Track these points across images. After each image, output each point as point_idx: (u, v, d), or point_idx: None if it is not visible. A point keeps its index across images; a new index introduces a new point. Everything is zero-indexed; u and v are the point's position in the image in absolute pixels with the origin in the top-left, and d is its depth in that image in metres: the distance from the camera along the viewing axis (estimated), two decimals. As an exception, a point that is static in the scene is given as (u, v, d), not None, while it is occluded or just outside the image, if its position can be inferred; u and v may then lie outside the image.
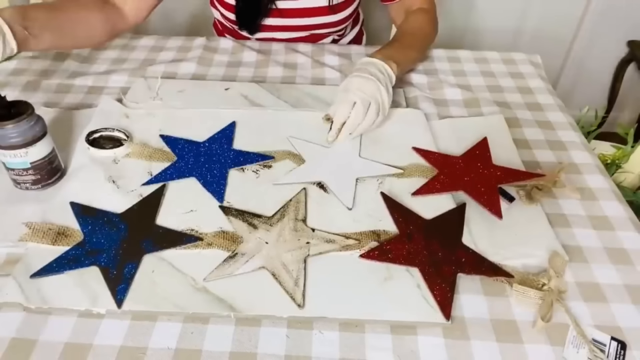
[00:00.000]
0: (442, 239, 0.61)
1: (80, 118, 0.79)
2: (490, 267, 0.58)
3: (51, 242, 0.58)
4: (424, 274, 0.56)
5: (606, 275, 0.59)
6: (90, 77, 0.89)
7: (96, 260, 0.56)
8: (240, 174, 0.70)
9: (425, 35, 0.96)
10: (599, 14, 1.78)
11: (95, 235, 0.59)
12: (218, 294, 0.54)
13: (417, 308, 0.54)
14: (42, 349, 0.49)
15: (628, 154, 1.10)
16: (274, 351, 0.50)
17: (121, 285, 0.54)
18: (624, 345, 0.51)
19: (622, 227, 0.65)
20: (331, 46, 1.04)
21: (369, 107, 0.73)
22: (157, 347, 0.50)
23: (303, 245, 0.59)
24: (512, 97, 0.90)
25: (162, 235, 0.60)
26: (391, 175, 0.70)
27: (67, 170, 0.69)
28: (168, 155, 0.72)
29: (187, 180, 0.68)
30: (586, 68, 1.91)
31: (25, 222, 0.60)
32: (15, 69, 0.92)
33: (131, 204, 0.64)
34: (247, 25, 1.02)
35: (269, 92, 0.87)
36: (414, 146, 0.75)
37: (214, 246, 0.59)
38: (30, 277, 0.54)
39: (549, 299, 0.54)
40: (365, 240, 0.60)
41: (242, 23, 1.01)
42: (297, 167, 0.71)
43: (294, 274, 0.56)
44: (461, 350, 0.51)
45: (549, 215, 0.65)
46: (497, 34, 1.86)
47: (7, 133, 0.60)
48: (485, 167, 0.70)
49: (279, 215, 0.63)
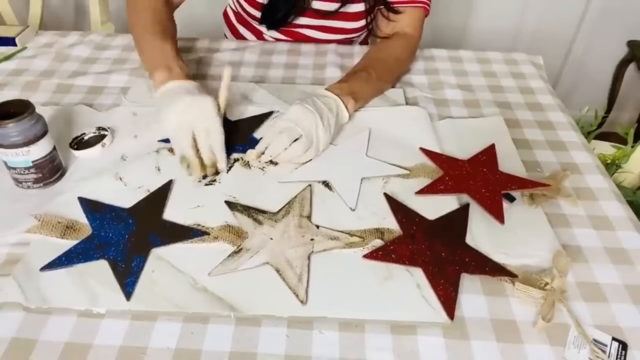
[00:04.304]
0: (445, 239, 0.61)
1: (80, 116, 0.79)
2: (494, 267, 0.58)
3: (60, 235, 0.59)
4: (427, 274, 0.56)
5: (606, 275, 0.59)
6: (90, 77, 0.90)
7: (105, 253, 0.57)
8: (247, 170, 0.70)
9: (399, 67, 0.92)
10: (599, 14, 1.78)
11: (103, 229, 0.60)
12: (218, 294, 0.54)
13: (416, 308, 0.54)
14: (42, 349, 0.49)
15: (628, 154, 1.10)
16: (274, 351, 0.50)
17: (130, 278, 0.55)
18: (625, 345, 0.51)
19: (622, 227, 0.65)
20: (334, 46, 1.03)
21: (297, 140, 0.68)
22: (157, 347, 0.50)
23: (307, 241, 0.59)
24: (513, 97, 0.90)
25: (169, 229, 0.61)
26: (397, 176, 0.70)
27: (67, 168, 0.69)
28: None
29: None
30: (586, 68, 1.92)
31: (34, 214, 0.61)
32: (15, 69, 0.92)
33: (138, 199, 0.64)
34: (272, 23, 1.00)
35: (269, 92, 0.87)
36: (420, 147, 0.75)
37: (220, 240, 0.59)
38: (40, 270, 0.55)
39: (550, 298, 0.54)
40: (369, 238, 0.60)
41: (267, 20, 0.99)
42: (303, 164, 0.71)
43: (297, 271, 0.56)
44: (461, 350, 0.51)
45: (549, 215, 0.65)
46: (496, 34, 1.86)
47: (9, 132, 0.60)
48: (490, 173, 0.70)
49: (284, 211, 0.63)
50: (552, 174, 0.72)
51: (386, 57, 0.90)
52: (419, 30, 0.94)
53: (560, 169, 0.74)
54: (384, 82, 0.88)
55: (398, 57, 0.91)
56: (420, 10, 0.93)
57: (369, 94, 0.83)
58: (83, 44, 1.00)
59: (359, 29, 1.01)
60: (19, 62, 0.93)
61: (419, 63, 0.99)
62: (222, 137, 0.69)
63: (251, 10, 1.00)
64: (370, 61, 0.87)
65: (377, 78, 0.84)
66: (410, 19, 0.93)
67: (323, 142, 0.71)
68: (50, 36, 1.03)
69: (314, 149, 0.70)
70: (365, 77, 0.82)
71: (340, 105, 0.75)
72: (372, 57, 0.90)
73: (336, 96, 0.75)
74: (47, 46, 0.99)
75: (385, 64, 0.88)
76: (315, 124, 0.70)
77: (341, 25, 1.01)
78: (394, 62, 0.90)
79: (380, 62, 0.87)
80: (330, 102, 0.74)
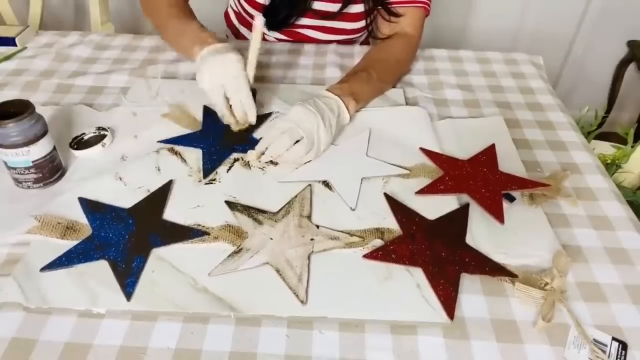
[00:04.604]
0: (445, 239, 0.61)
1: (80, 116, 0.79)
2: (494, 267, 0.58)
3: (60, 235, 0.59)
4: (427, 274, 0.56)
5: (606, 275, 0.59)
6: (90, 77, 0.90)
7: (105, 254, 0.57)
8: (247, 170, 0.70)
9: (400, 68, 0.92)
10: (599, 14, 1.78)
11: (103, 229, 0.60)
12: (218, 294, 0.54)
13: (416, 308, 0.54)
14: (42, 349, 0.49)
15: (628, 154, 1.10)
16: (274, 351, 0.50)
17: (130, 278, 0.55)
18: (625, 345, 0.51)
19: (622, 227, 0.65)
20: (334, 46, 1.03)
21: (299, 141, 0.69)
22: (157, 347, 0.50)
23: (307, 241, 0.59)
24: (513, 97, 0.90)
25: (169, 229, 0.61)
26: (397, 176, 0.70)
27: (67, 168, 0.69)
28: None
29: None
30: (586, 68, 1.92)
31: (35, 215, 0.61)
32: (15, 69, 0.92)
33: (138, 199, 0.64)
34: (274, 24, 1.00)
35: (269, 92, 0.87)
36: (420, 147, 0.75)
37: (220, 240, 0.59)
38: (40, 270, 0.55)
39: (550, 298, 0.54)
40: (369, 238, 0.60)
41: (269, 21, 0.98)
42: (304, 164, 0.71)
43: (297, 271, 0.56)
44: (461, 350, 0.51)
45: (549, 215, 0.65)
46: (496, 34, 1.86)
47: (9, 132, 0.60)
48: (491, 173, 0.70)
49: (284, 211, 0.63)
50: (552, 174, 0.72)
51: (387, 57, 0.90)
52: (419, 30, 0.94)
53: (560, 169, 0.74)
54: (385, 83, 0.88)
55: (399, 58, 0.91)
56: (420, 10, 0.93)
57: (369, 94, 0.83)
58: (83, 44, 1.00)
59: (360, 29, 1.01)
60: (19, 62, 0.93)
61: (419, 63, 0.99)
62: (248, 92, 0.74)
63: (252, 12, 1.00)
64: (370, 61, 0.87)
65: (378, 78, 0.83)
66: (410, 19, 0.93)
67: (324, 143, 0.71)
68: (50, 36, 1.03)
69: (315, 150, 0.70)
70: (365, 78, 0.82)
71: (341, 106, 0.75)
72: (372, 57, 0.89)
73: (337, 97, 0.75)
74: (47, 46, 1.00)
75: (386, 64, 0.88)
76: (316, 125, 0.70)
77: (342, 26, 1.01)
78: (394, 62, 0.90)
79: (380, 63, 0.87)
80: (332, 103, 0.74)
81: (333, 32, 1.02)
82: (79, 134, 0.74)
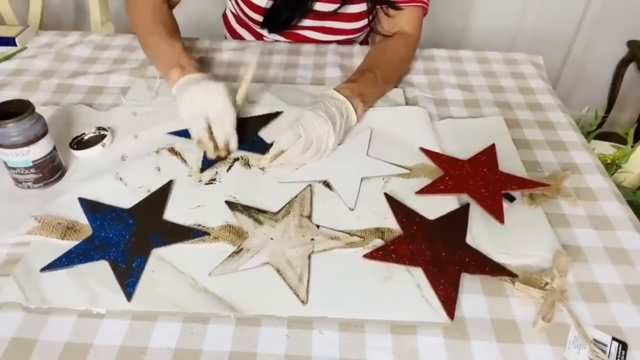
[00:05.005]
0: (445, 239, 0.61)
1: (80, 116, 0.79)
2: (494, 267, 0.58)
3: (60, 236, 0.59)
4: (427, 274, 0.56)
5: (606, 275, 0.59)
6: (90, 77, 0.90)
7: (105, 254, 0.57)
8: (247, 170, 0.70)
9: (403, 68, 0.93)
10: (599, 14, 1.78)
11: (103, 230, 0.60)
12: (218, 294, 0.54)
13: (416, 308, 0.54)
14: (42, 349, 0.49)
15: (628, 154, 1.10)
16: (274, 351, 0.50)
17: (130, 278, 0.55)
18: (625, 345, 0.51)
19: (622, 227, 0.65)
20: (334, 46, 1.03)
21: (310, 146, 0.70)
22: (157, 347, 0.50)
23: (308, 241, 0.59)
24: (513, 97, 0.90)
25: (170, 229, 0.61)
26: (397, 176, 0.70)
27: (67, 168, 0.69)
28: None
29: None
30: (586, 68, 1.92)
31: (35, 216, 0.61)
32: (15, 69, 0.92)
33: (139, 199, 0.64)
34: (274, 26, 1.00)
35: (269, 92, 0.87)
36: (421, 147, 0.75)
37: (221, 240, 0.59)
38: (40, 271, 0.55)
39: (550, 298, 0.54)
40: (370, 238, 0.60)
41: (270, 24, 0.99)
42: (304, 164, 0.71)
43: (298, 270, 0.56)
44: (461, 350, 0.51)
45: (549, 215, 0.65)
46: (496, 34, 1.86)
47: (9, 132, 0.60)
48: (490, 173, 0.70)
49: (285, 211, 0.63)
50: (552, 174, 0.72)
51: (390, 56, 0.90)
52: (418, 29, 0.95)
53: (560, 169, 0.74)
54: (388, 83, 0.88)
55: (401, 57, 0.92)
56: (418, 9, 0.93)
57: (376, 95, 0.84)
58: (83, 44, 1.00)
59: (359, 29, 1.01)
60: (19, 62, 0.93)
61: (419, 63, 0.99)
62: (233, 118, 0.72)
63: (252, 14, 1.00)
64: (375, 61, 0.87)
65: (383, 79, 0.84)
66: (409, 18, 0.93)
67: (332, 148, 0.72)
68: (50, 36, 1.03)
69: (320, 154, 0.71)
70: (372, 79, 0.82)
71: (349, 109, 0.75)
72: (376, 56, 0.90)
73: (346, 99, 0.75)
74: (47, 46, 1.00)
75: (391, 64, 0.88)
76: (327, 132, 0.70)
77: (341, 26, 1.01)
78: (398, 62, 0.91)
79: (385, 62, 0.87)
80: (341, 106, 0.74)
81: (332, 32, 1.02)
82: (79, 134, 0.74)
